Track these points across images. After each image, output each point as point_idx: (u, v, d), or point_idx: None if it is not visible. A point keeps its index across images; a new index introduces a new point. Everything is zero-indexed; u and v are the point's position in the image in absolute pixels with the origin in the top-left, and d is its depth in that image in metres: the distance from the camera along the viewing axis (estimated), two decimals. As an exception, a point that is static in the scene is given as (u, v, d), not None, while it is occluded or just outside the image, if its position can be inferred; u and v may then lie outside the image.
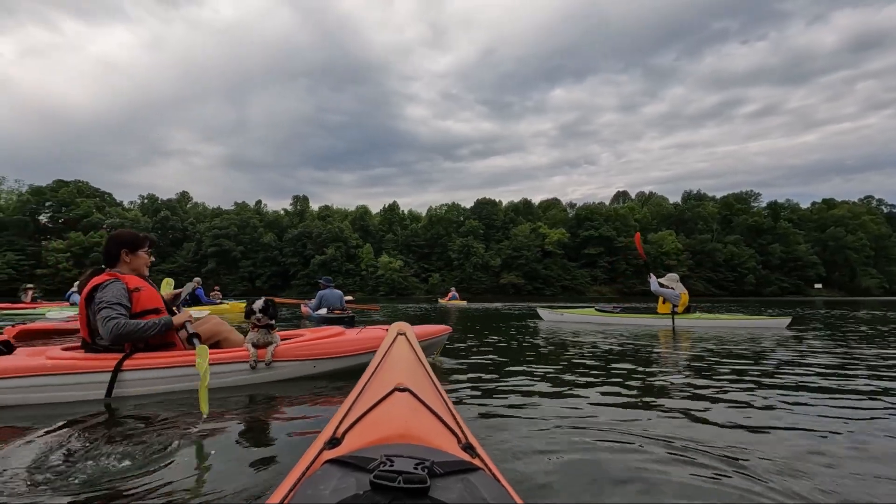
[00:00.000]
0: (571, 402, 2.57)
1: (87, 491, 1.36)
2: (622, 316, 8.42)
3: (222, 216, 59.59)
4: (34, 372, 2.44)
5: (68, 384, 2.46)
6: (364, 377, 1.30)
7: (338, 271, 55.76)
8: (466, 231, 62.24)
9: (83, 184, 59.58)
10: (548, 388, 2.95)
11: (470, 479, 0.68)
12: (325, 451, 0.82)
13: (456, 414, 1.05)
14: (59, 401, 2.45)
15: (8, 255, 49.34)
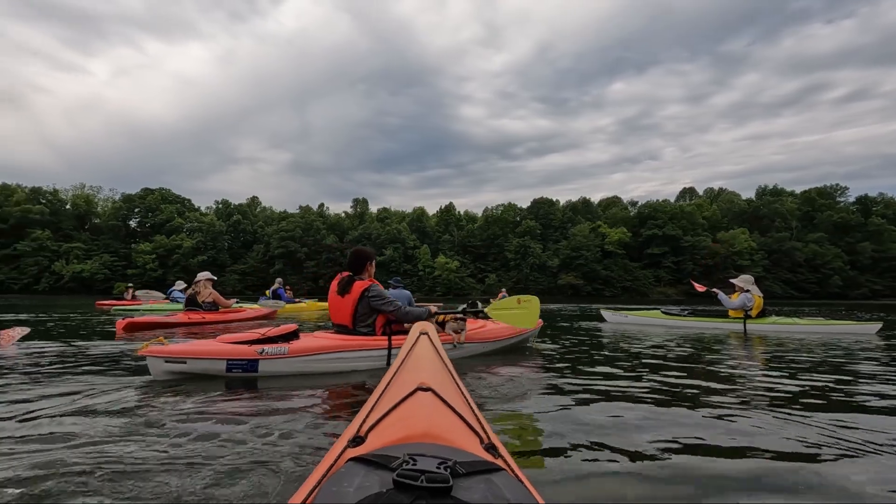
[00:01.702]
0: (608, 406, 2.53)
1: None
2: (690, 319, 8.11)
3: (288, 219, 62.57)
4: (337, 349, 3.39)
5: (360, 357, 3.47)
6: (387, 376, 1.31)
7: (396, 272, 56.95)
8: (523, 231, 61.61)
9: (166, 191, 64.81)
10: (585, 389, 2.96)
11: (492, 479, 0.68)
12: (348, 449, 0.83)
13: (478, 414, 1.07)
14: (354, 369, 3.43)
15: (104, 257, 54.61)
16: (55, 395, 2.57)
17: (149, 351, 3.01)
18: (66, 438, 1.81)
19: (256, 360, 3.10)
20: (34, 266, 52.31)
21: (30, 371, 3.29)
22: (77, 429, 1.94)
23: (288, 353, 3.20)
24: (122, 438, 1.83)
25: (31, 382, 2.91)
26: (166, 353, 3.00)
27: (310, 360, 3.29)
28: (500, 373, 3.49)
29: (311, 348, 3.31)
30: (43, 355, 4.05)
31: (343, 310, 3.61)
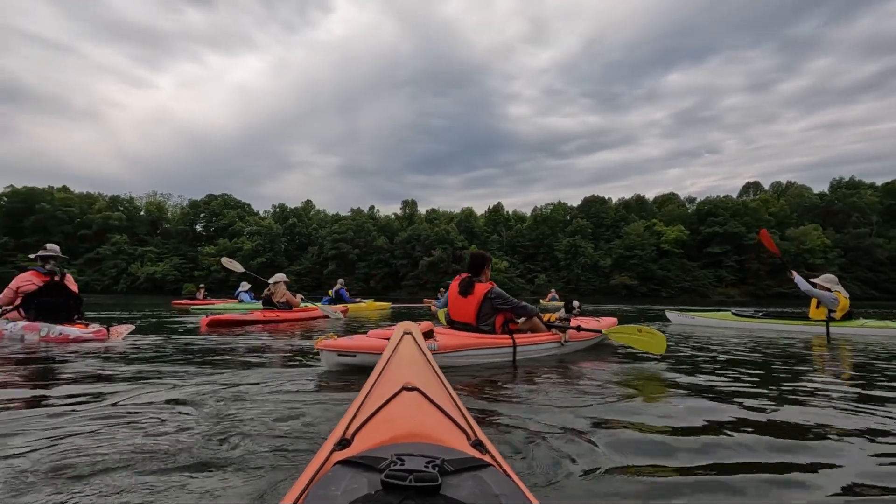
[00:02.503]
0: (607, 403, 2.48)
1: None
2: (765, 321, 7.60)
3: (340, 222, 64.49)
4: (475, 346, 3.68)
5: (493, 353, 3.77)
6: (371, 377, 1.29)
7: (445, 272, 57.29)
8: (573, 230, 60.32)
9: (228, 196, 68.59)
10: (581, 387, 2.93)
11: (481, 475, 0.68)
12: (335, 451, 0.82)
13: (465, 411, 1.07)
14: (488, 364, 3.69)
15: (174, 260, 58.51)
16: (193, 383, 2.75)
17: (323, 345, 3.30)
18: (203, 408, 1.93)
19: None
20: (114, 268, 56.82)
21: (153, 361, 3.57)
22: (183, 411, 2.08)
23: (437, 350, 3.43)
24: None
25: (159, 371, 3.13)
26: (339, 347, 3.28)
27: (455, 355, 3.56)
28: (485, 371, 3.50)
29: (455, 345, 3.58)
30: (159, 348, 4.39)
31: (465, 309, 3.95)
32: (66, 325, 5.08)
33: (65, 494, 1.29)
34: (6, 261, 53.54)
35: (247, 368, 3.43)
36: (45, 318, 5.15)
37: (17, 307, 5.25)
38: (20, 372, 3.33)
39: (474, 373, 3.41)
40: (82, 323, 5.37)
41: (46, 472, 1.44)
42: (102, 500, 1.27)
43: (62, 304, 5.39)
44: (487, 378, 3.16)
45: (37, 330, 4.94)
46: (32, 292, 5.24)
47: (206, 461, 1.55)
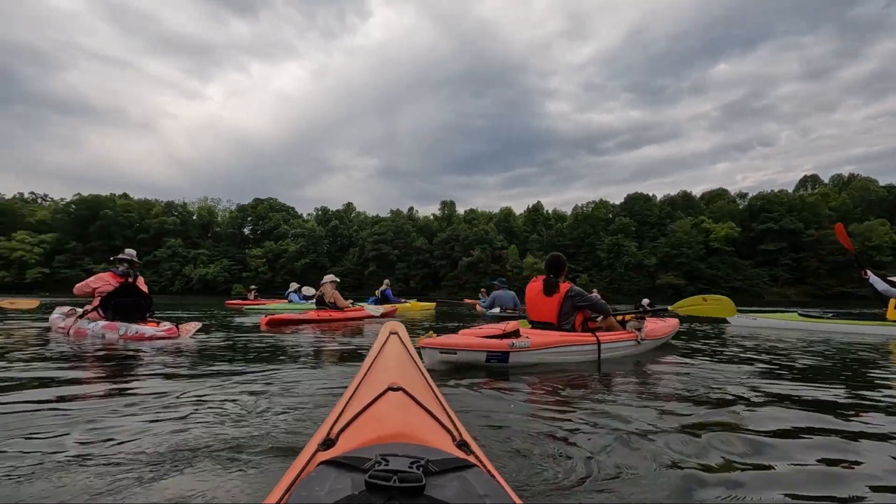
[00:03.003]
0: (598, 405, 2.43)
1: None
2: (835, 322, 7.13)
3: (380, 223, 65.54)
4: (563, 343, 3.74)
5: (580, 350, 3.83)
6: (357, 377, 1.28)
7: (484, 272, 57.17)
8: (616, 229, 58.82)
9: (273, 200, 71.08)
10: (570, 386, 2.87)
11: (465, 476, 0.68)
12: (319, 452, 0.82)
13: (450, 412, 1.06)
14: (576, 361, 3.78)
15: (224, 261, 61.16)
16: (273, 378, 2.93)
17: (426, 343, 3.39)
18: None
19: (508, 353, 3.46)
20: (169, 270, 59.99)
21: (218, 357, 3.69)
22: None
23: (530, 347, 3.53)
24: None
25: (222, 367, 3.24)
26: (441, 345, 3.39)
27: (544, 352, 3.64)
28: (471, 371, 3.43)
29: (545, 343, 3.66)
30: (224, 345, 4.58)
31: (546, 309, 4.09)
32: (141, 324, 5.42)
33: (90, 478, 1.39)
34: (75, 264, 57.58)
35: (299, 366, 3.58)
36: (122, 318, 5.52)
37: (95, 308, 5.66)
38: (102, 367, 3.59)
39: (463, 374, 3.31)
40: (154, 321, 5.72)
41: (105, 456, 1.56)
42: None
43: (135, 304, 5.76)
44: (475, 379, 3.10)
45: (115, 329, 5.30)
46: (109, 293, 5.63)
47: (230, 456, 1.61)
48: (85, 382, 2.87)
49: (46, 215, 63.06)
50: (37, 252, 56.70)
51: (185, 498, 1.29)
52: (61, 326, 5.85)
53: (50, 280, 55.55)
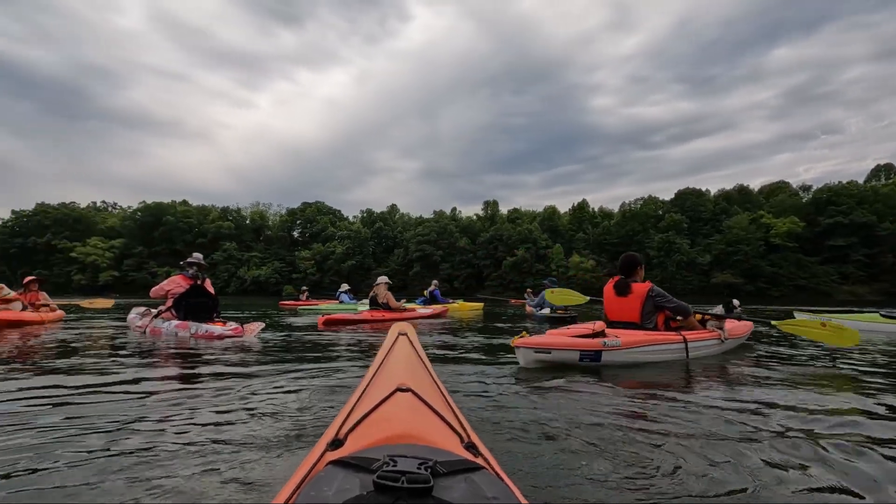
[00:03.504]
0: (604, 405, 2.39)
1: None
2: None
3: (424, 224, 66.10)
4: (652, 342, 3.76)
5: (668, 349, 3.85)
6: (365, 378, 1.28)
7: (528, 272, 56.52)
8: (666, 226, 56.52)
9: (321, 204, 73.28)
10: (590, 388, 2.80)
11: (473, 478, 0.67)
12: (327, 452, 0.82)
13: (458, 413, 1.05)
14: (665, 360, 3.81)
15: (275, 264, 63.59)
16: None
17: (521, 342, 3.45)
18: None
19: (601, 352, 3.49)
20: (225, 272, 62.99)
21: (280, 355, 3.91)
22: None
23: (621, 346, 3.56)
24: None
25: (282, 364, 3.41)
26: (535, 345, 3.44)
27: (635, 351, 3.67)
28: (480, 372, 3.42)
29: (635, 342, 3.68)
30: (285, 344, 4.80)
31: (626, 308, 4.12)
32: (210, 324, 5.73)
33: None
34: (141, 267, 61.63)
35: (351, 364, 3.70)
36: (192, 317, 5.87)
37: (169, 308, 6.05)
38: (175, 363, 3.87)
39: (471, 375, 3.29)
40: (221, 321, 6.03)
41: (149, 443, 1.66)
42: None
43: (204, 305, 6.10)
44: (485, 380, 3.09)
45: (187, 328, 5.63)
46: (180, 294, 5.99)
47: (247, 453, 1.66)
48: (153, 379, 3.11)
49: (116, 222, 67.93)
50: (108, 256, 61.16)
51: (197, 495, 1.32)
52: (138, 325, 6.28)
53: (120, 282, 59.72)
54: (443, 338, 6.02)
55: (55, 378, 3.03)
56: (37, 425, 1.94)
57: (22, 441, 1.74)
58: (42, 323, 7.39)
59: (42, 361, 3.76)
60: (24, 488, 1.36)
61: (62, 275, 60.35)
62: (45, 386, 2.78)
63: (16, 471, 1.47)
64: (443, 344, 5.29)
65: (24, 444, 1.71)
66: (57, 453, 1.63)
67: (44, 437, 1.79)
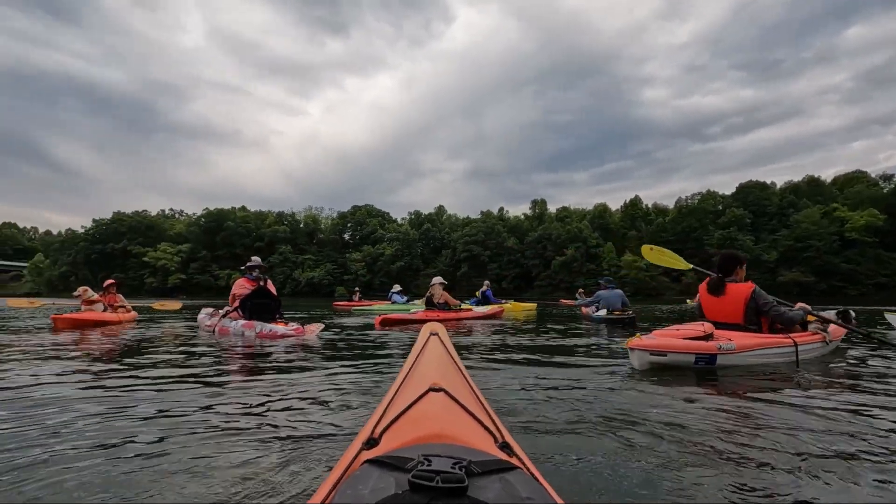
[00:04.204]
0: (642, 405, 2.34)
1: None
2: None
3: (471, 224, 66.20)
4: (765, 346, 3.65)
5: (780, 353, 3.72)
6: (399, 378, 1.28)
7: (578, 272, 55.31)
8: (727, 221, 53.61)
9: (370, 206, 75.05)
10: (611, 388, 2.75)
11: (508, 478, 0.67)
12: (363, 451, 0.83)
13: (492, 413, 1.05)
14: (776, 363, 3.66)
15: (327, 266, 65.69)
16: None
17: (636, 344, 3.44)
18: None
19: (716, 355, 3.42)
20: (281, 274, 65.72)
21: (337, 354, 4.02)
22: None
23: (736, 349, 3.48)
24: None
25: (337, 363, 3.54)
26: (651, 347, 3.41)
27: (748, 354, 3.57)
28: (513, 371, 3.38)
29: (749, 345, 3.59)
30: (343, 343, 4.97)
31: (727, 309, 4.01)
32: (273, 324, 6.03)
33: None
34: (205, 270, 65.46)
35: (399, 363, 3.75)
36: (257, 317, 6.19)
37: (235, 308, 6.41)
38: (241, 360, 4.15)
39: (503, 374, 3.27)
40: (283, 321, 6.32)
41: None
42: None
43: (267, 306, 6.42)
44: (518, 379, 3.06)
45: (252, 327, 5.95)
46: (246, 296, 6.34)
47: (289, 450, 1.71)
48: (215, 374, 3.35)
49: (182, 228, 72.50)
50: (175, 260, 65.35)
51: (235, 493, 1.36)
52: (207, 324, 6.70)
53: (187, 284, 63.68)
54: (498, 337, 6.03)
55: (135, 371, 3.38)
56: (126, 411, 2.26)
57: (119, 424, 2.03)
58: (120, 323, 8.02)
59: (124, 357, 4.16)
60: (115, 455, 1.65)
61: (136, 278, 65.06)
62: (128, 377, 3.12)
63: (111, 444, 1.76)
64: (499, 344, 5.29)
65: (119, 427, 1.98)
66: (133, 432, 1.91)
67: (129, 419, 2.11)
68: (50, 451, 1.67)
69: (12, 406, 2.33)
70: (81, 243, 70.16)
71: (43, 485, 1.40)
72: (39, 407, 2.30)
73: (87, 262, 67.75)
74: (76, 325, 7.06)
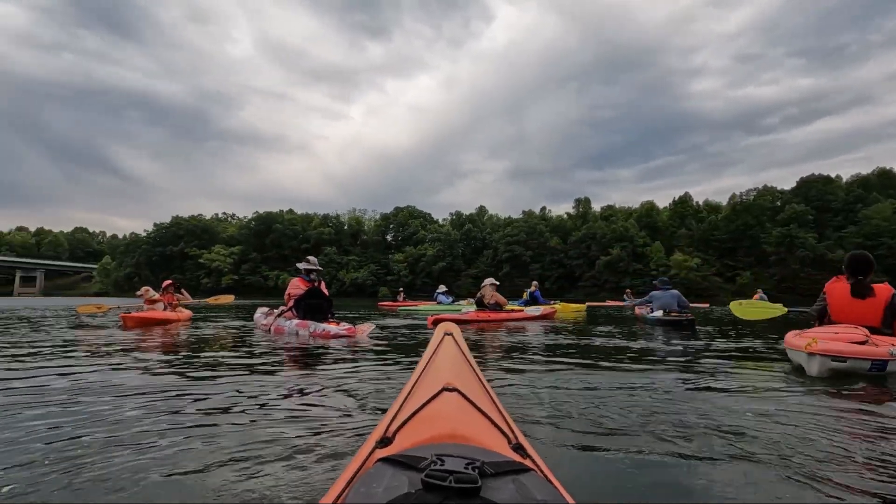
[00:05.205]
0: (654, 405, 2.31)
1: None
2: None
3: (512, 224, 65.62)
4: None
5: None
6: (412, 377, 1.30)
7: (624, 272, 53.75)
8: (787, 218, 50.57)
9: (412, 208, 75.81)
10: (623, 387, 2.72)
11: (521, 479, 0.67)
12: (377, 450, 0.84)
13: (505, 414, 1.05)
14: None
15: (371, 266, 66.89)
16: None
17: (817, 349, 3.35)
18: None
19: (886, 361, 3.30)
20: (326, 275, 67.45)
21: (388, 354, 4.17)
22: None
23: None
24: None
25: (386, 363, 3.58)
26: (831, 352, 3.33)
27: None
28: (527, 372, 3.38)
29: None
30: (394, 343, 5.09)
31: (866, 312, 3.89)
32: (326, 323, 6.18)
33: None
34: (255, 271, 68.13)
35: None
36: (310, 317, 6.36)
37: (290, 308, 6.62)
38: (295, 358, 4.32)
39: (518, 375, 3.24)
40: (335, 321, 6.47)
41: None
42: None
43: (320, 306, 6.58)
44: (532, 380, 3.03)
45: (306, 326, 6.12)
46: (300, 296, 6.53)
47: (310, 449, 1.73)
48: (260, 371, 3.53)
49: (234, 231, 75.82)
50: (228, 262, 68.37)
51: (247, 489, 1.38)
52: (263, 323, 6.95)
53: (239, 284, 66.47)
54: (550, 338, 5.97)
55: (193, 365, 3.66)
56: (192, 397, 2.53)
57: (191, 410, 2.23)
58: (179, 321, 8.53)
59: (186, 352, 4.48)
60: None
61: (193, 279, 68.52)
62: (187, 371, 3.39)
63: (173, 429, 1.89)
64: (551, 345, 5.22)
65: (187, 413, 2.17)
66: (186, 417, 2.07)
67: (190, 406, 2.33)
68: (128, 430, 1.91)
69: (95, 393, 2.59)
70: (143, 246, 74.66)
71: (117, 464, 1.54)
72: (121, 396, 2.55)
73: (148, 264, 72.00)
74: (142, 323, 7.54)
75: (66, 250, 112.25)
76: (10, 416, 2.13)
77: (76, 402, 2.39)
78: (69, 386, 2.82)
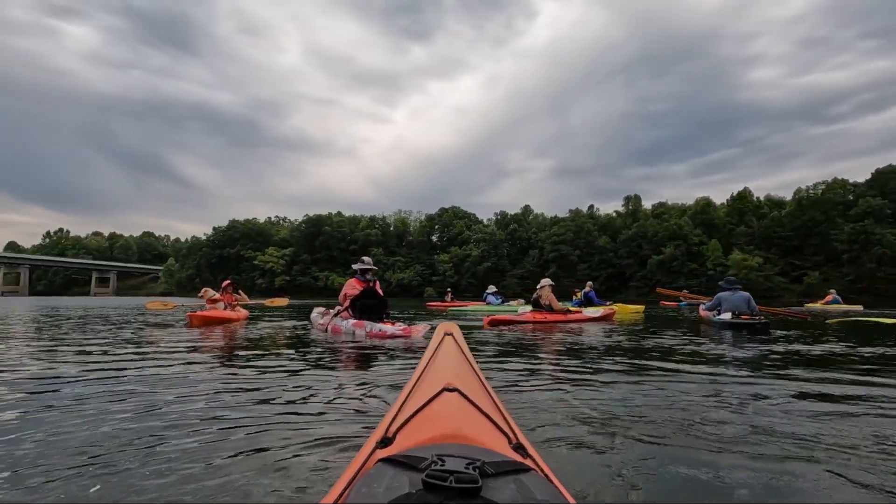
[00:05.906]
0: (657, 406, 2.31)
1: None
2: None
3: (559, 223, 64.44)
4: None
5: None
6: (413, 377, 1.30)
7: (678, 272, 51.57)
8: (861, 213, 46.80)
9: (456, 208, 76.09)
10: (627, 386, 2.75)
11: (522, 479, 0.67)
12: (377, 450, 0.84)
13: (506, 414, 1.05)
14: None
15: (416, 267, 67.69)
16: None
17: None
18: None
19: None
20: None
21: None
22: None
23: None
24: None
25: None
26: None
27: None
28: (528, 371, 3.38)
29: None
30: (470, 345, 5.12)
31: None
32: (381, 323, 6.28)
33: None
34: (306, 272, 70.53)
35: (516, 363, 3.89)
36: (366, 317, 6.49)
37: (346, 308, 6.78)
38: (351, 356, 4.48)
39: (519, 375, 3.27)
40: (390, 321, 6.57)
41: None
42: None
43: (375, 306, 6.71)
44: (533, 380, 3.06)
45: (363, 326, 6.25)
46: (356, 296, 6.68)
47: (329, 449, 1.74)
48: (309, 369, 3.66)
49: (286, 233, 78.85)
50: (281, 263, 71.18)
51: (251, 491, 1.38)
52: (320, 323, 7.16)
53: (290, 285, 69.05)
54: (609, 340, 5.87)
55: (252, 363, 3.88)
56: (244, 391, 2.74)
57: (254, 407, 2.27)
58: (237, 320, 8.98)
59: (245, 350, 4.80)
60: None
61: (248, 280, 71.77)
62: (245, 368, 3.65)
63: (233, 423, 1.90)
64: (609, 346, 5.09)
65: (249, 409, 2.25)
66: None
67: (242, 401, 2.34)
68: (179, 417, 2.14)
69: (159, 385, 2.85)
70: (203, 249, 78.99)
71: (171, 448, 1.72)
72: (188, 385, 2.86)
73: (208, 265, 76.07)
74: (206, 321, 8.01)
75: (135, 253, 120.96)
76: (85, 403, 2.39)
77: (137, 394, 2.60)
78: (137, 377, 3.10)
